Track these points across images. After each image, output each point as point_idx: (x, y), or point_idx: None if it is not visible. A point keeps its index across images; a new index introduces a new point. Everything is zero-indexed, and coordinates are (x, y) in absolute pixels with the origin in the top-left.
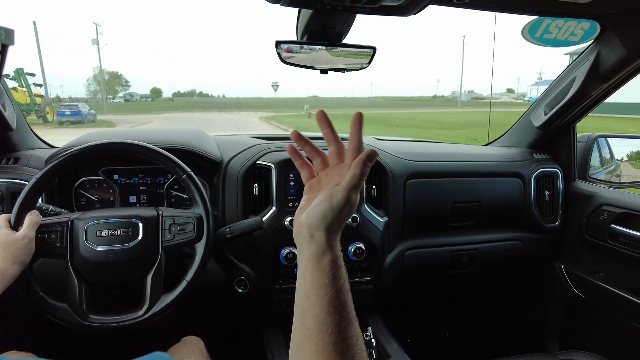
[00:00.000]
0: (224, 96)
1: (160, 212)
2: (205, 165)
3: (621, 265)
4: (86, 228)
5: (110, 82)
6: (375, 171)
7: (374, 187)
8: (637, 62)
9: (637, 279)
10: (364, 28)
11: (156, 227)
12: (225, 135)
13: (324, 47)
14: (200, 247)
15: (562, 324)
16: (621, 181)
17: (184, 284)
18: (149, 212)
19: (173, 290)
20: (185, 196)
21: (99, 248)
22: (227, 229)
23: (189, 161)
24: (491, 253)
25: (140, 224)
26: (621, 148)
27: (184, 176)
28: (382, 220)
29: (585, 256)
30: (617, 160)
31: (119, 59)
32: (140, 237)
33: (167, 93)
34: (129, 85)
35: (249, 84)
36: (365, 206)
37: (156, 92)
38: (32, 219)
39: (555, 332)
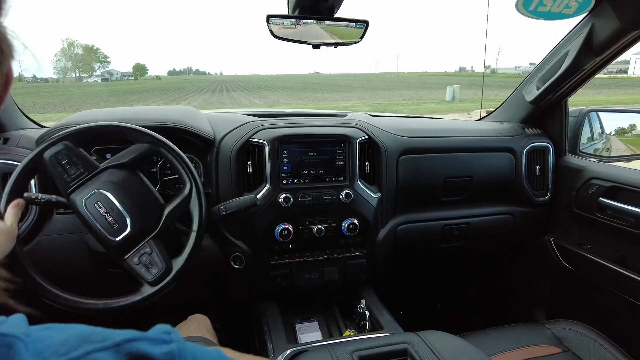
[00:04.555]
0: (221, 74)
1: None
2: (198, 143)
3: (608, 237)
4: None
5: (84, 58)
6: (368, 147)
7: (367, 163)
8: (631, 35)
9: (622, 250)
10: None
11: None
12: (218, 112)
13: (315, 22)
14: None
15: (550, 294)
16: (611, 155)
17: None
18: None
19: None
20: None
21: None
22: (222, 207)
23: (182, 139)
24: (482, 227)
25: None
26: (612, 122)
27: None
28: (375, 196)
29: (574, 229)
30: (607, 134)
31: (99, 31)
32: None
33: (162, 71)
34: (109, 62)
35: (245, 60)
36: (359, 182)
37: (140, 69)
38: (15, 211)
39: (543, 302)
